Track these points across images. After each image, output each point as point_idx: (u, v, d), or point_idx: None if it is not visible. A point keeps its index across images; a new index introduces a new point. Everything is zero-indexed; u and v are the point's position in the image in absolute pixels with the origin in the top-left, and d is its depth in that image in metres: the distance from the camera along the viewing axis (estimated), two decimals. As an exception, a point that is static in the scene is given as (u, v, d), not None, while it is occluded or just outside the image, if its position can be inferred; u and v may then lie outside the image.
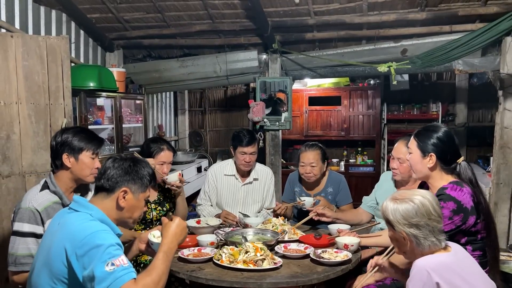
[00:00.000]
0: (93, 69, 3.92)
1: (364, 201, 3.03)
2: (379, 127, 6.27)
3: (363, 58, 4.49)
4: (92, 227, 1.54)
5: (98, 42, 4.86)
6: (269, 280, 1.93)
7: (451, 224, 1.90)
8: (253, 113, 4.77)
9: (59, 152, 2.13)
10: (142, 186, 1.73)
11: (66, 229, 1.57)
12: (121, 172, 1.70)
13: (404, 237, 1.68)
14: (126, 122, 4.38)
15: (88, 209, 1.65)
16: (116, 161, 1.73)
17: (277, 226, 2.63)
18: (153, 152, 2.79)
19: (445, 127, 2.12)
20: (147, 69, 5.08)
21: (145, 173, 1.75)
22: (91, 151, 2.15)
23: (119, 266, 1.46)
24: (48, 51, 3.07)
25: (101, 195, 1.70)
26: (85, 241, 1.49)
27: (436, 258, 1.65)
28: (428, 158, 2.04)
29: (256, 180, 3.22)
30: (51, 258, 1.55)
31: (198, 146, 7.07)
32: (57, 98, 3.11)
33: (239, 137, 3.08)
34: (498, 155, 4.12)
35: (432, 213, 1.67)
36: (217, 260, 2.11)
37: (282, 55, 4.78)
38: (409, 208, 1.67)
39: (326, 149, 3.18)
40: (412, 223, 1.66)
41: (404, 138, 2.57)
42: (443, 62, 4.04)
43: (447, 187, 1.96)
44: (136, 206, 1.74)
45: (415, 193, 1.72)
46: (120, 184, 1.69)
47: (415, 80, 6.27)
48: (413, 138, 2.12)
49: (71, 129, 2.24)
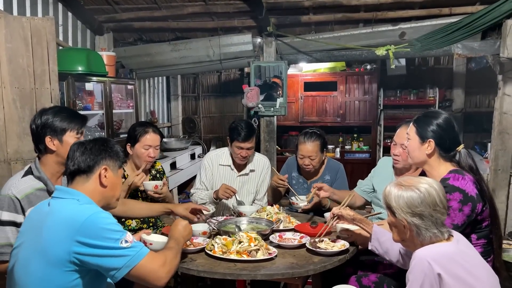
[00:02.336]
0: (81, 53, 3.80)
1: (359, 185, 2.93)
2: (375, 113, 6.21)
3: (360, 42, 4.39)
4: (87, 210, 1.53)
5: (87, 25, 4.70)
6: (263, 272, 1.85)
7: (462, 216, 1.82)
8: (248, 98, 4.66)
9: (40, 135, 2.01)
10: (119, 161, 1.73)
11: (57, 217, 1.53)
12: (97, 151, 1.67)
13: (404, 225, 1.60)
14: (117, 108, 4.28)
15: (74, 195, 1.61)
16: (86, 144, 1.69)
17: (272, 214, 2.54)
18: (137, 135, 2.66)
19: (446, 114, 2.03)
20: (138, 53, 4.97)
21: (118, 149, 1.75)
22: (75, 130, 2.04)
23: (133, 242, 1.54)
24: (33, 32, 2.94)
25: (79, 179, 1.65)
26: (87, 224, 1.47)
27: (438, 248, 1.58)
28: (427, 144, 1.96)
29: (252, 172, 3.10)
30: (46, 248, 1.49)
31: (192, 133, 6.98)
32: (43, 82, 2.99)
33: (236, 130, 2.89)
34: (497, 141, 4.06)
35: (437, 204, 1.58)
36: (209, 250, 2.03)
37: (277, 39, 4.67)
38: (414, 196, 1.58)
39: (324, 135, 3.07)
40: (416, 212, 1.57)
41: (406, 123, 2.47)
42: (443, 45, 3.94)
43: (448, 177, 1.88)
44: (116, 183, 1.73)
45: (422, 180, 1.63)
46: (99, 162, 1.66)
47: (412, 65, 6.21)
48: (412, 124, 2.05)
49: (50, 109, 2.09)
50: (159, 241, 1.90)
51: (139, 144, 2.66)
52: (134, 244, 1.54)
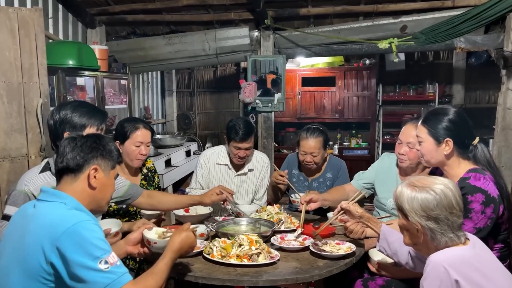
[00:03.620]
0: (71, 46, 3.66)
1: (357, 177, 2.73)
2: (374, 108, 6.11)
3: (361, 36, 4.28)
4: (73, 217, 1.36)
5: (79, 18, 4.54)
6: (265, 278, 1.73)
7: (485, 218, 1.71)
8: (245, 94, 4.54)
9: (59, 131, 1.92)
10: (112, 161, 1.56)
11: (40, 222, 1.37)
12: (87, 149, 1.50)
13: (418, 229, 1.49)
14: (110, 103, 4.15)
15: (60, 197, 1.45)
16: (78, 139, 1.52)
17: (273, 215, 2.42)
18: (127, 132, 2.51)
19: (454, 108, 1.92)
20: (131, 47, 4.81)
21: (112, 147, 1.58)
22: (95, 126, 1.96)
23: (114, 265, 1.31)
24: (20, 24, 2.80)
25: (67, 179, 1.50)
26: (68, 234, 1.30)
27: (454, 252, 1.46)
28: (444, 144, 1.83)
29: (251, 171, 2.97)
30: (25, 256, 1.34)
31: (187, 129, 6.85)
32: (31, 76, 2.85)
33: (234, 129, 2.74)
34: (500, 137, 3.97)
35: (454, 207, 1.47)
36: (207, 254, 1.90)
37: (275, 32, 4.53)
38: (430, 198, 1.46)
39: (327, 132, 2.95)
40: (431, 216, 1.46)
41: (412, 121, 2.35)
42: (448, 38, 3.84)
43: (469, 176, 1.77)
44: (108, 184, 1.56)
45: (436, 181, 1.51)
46: (89, 162, 1.50)
47: (411, 60, 6.11)
48: (421, 125, 1.91)
49: (69, 104, 2.01)
50: (164, 240, 1.73)
51: (130, 141, 2.51)
52: (114, 268, 1.31)
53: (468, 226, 1.71)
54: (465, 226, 1.71)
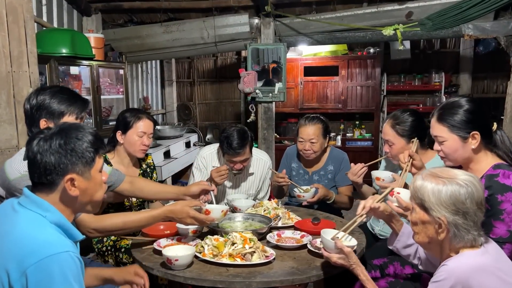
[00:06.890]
0: (65, 34, 3.53)
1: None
2: (378, 99, 5.95)
3: (364, 22, 4.13)
4: (49, 247, 1.20)
5: (74, 5, 4.41)
6: (259, 279, 1.62)
7: None
8: (244, 83, 4.41)
9: (35, 117, 1.80)
10: (88, 161, 1.32)
11: (10, 239, 1.22)
12: (55, 158, 1.26)
13: (441, 224, 1.34)
14: (106, 93, 4.05)
15: (41, 208, 1.28)
16: (41, 143, 1.28)
17: (270, 210, 2.30)
18: (130, 122, 2.47)
19: (465, 96, 1.78)
20: (128, 35, 4.70)
21: (84, 145, 1.31)
22: (74, 115, 1.84)
23: None
24: (8, 10, 2.68)
25: (44, 191, 1.31)
26: (39, 267, 1.16)
27: (470, 260, 1.33)
28: (470, 139, 1.67)
29: (251, 175, 2.80)
30: None
31: (187, 120, 6.73)
32: (20, 64, 2.74)
33: (226, 142, 2.49)
34: (509, 127, 3.83)
35: (482, 202, 1.34)
36: (198, 253, 1.79)
37: (275, 19, 4.40)
38: (461, 191, 1.31)
39: (327, 121, 2.84)
40: (460, 209, 1.31)
41: (390, 117, 2.28)
42: (456, 23, 3.68)
43: (497, 173, 1.61)
44: (92, 187, 1.35)
45: (458, 172, 1.37)
46: (60, 174, 1.28)
47: (417, 49, 5.94)
48: (437, 123, 1.73)
49: (49, 89, 1.88)
50: (187, 254, 1.70)
51: (132, 131, 2.46)
52: None
53: (502, 229, 1.58)
54: (498, 229, 1.58)
